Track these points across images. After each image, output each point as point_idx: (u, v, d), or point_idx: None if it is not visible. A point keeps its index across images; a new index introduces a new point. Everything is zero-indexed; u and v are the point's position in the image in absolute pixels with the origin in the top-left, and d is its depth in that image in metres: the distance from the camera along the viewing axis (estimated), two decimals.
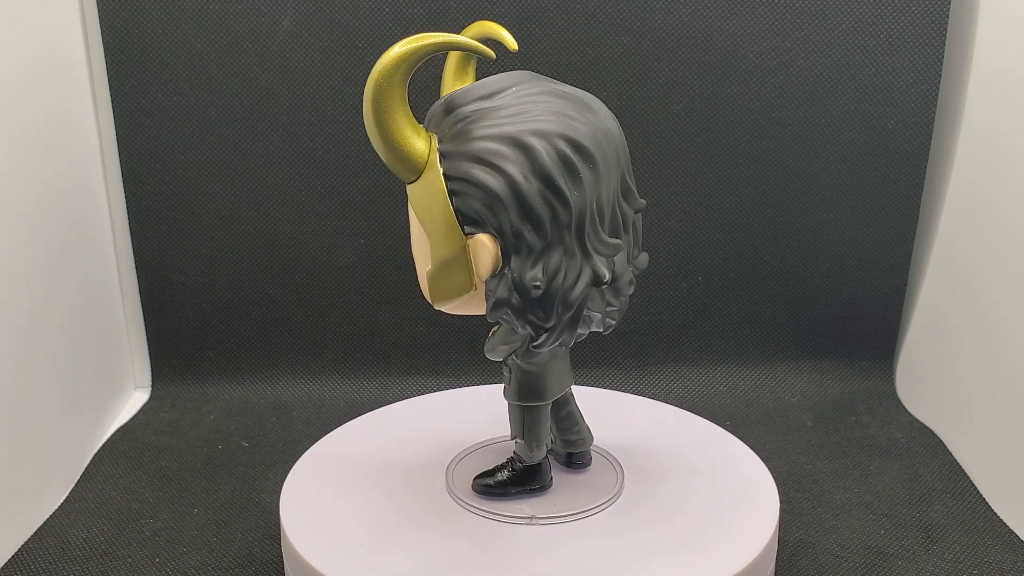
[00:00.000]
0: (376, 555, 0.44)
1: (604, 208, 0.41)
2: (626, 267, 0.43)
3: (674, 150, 0.73)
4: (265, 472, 0.64)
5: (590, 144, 0.40)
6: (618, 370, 0.76)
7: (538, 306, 0.41)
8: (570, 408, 0.50)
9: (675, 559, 0.44)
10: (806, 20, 0.70)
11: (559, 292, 0.40)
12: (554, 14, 0.69)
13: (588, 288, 0.41)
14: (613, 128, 0.42)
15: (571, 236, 0.40)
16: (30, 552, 0.55)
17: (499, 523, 0.47)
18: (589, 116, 0.41)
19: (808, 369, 0.77)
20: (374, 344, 0.77)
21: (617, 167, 0.41)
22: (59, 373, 0.64)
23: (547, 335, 0.42)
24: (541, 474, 0.49)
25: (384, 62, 0.39)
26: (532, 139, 0.39)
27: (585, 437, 0.51)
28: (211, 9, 0.69)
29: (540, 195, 0.39)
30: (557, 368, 0.47)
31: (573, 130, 0.40)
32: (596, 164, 0.40)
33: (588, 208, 0.40)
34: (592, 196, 0.40)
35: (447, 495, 0.49)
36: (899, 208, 0.73)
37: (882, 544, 0.55)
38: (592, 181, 0.40)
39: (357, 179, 0.73)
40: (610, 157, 0.41)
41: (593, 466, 0.52)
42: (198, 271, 0.75)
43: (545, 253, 0.40)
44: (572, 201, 0.39)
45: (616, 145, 0.41)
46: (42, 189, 0.63)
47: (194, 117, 0.72)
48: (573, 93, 0.42)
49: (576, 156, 0.39)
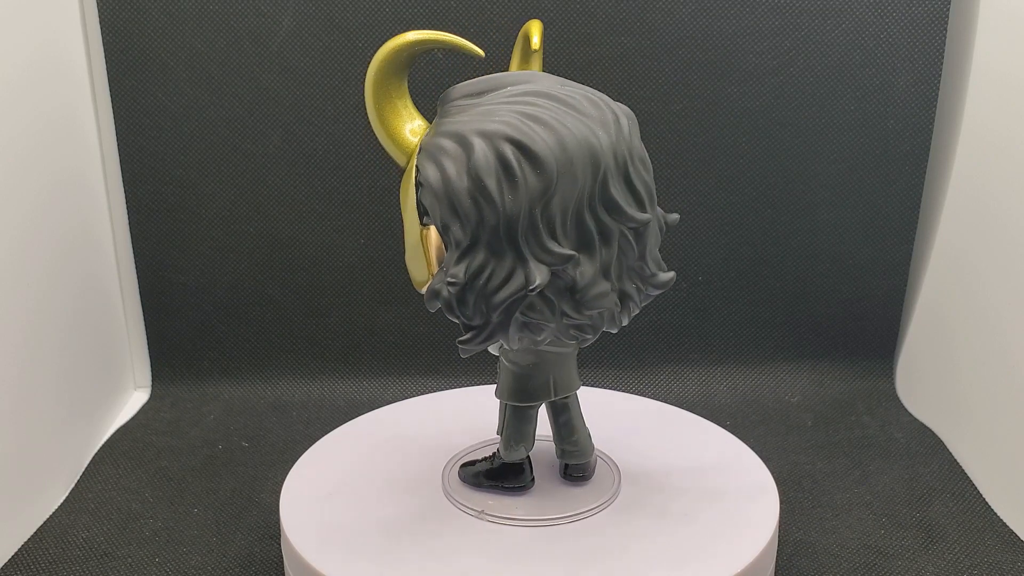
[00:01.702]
0: (375, 555, 0.44)
1: (555, 215, 0.39)
2: (598, 281, 0.41)
3: (674, 150, 0.73)
4: (265, 472, 0.64)
5: (543, 150, 0.39)
6: (618, 370, 0.76)
7: (463, 302, 0.41)
8: (569, 416, 0.49)
9: (675, 560, 0.44)
10: (806, 20, 0.70)
11: (481, 292, 0.40)
12: (554, 14, 0.69)
13: (518, 293, 0.40)
14: (602, 140, 0.40)
15: (501, 238, 0.39)
16: (30, 552, 0.55)
17: (494, 525, 0.47)
18: (570, 123, 0.39)
19: (808, 369, 0.77)
20: (374, 344, 0.77)
21: (593, 177, 0.40)
22: (59, 373, 0.64)
23: (474, 333, 0.42)
24: (518, 475, 0.49)
25: (377, 56, 0.42)
26: (475, 138, 0.39)
27: (582, 449, 0.49)
28: (211, 9, 0.69)
29: (468, 193, 0.39)
30: (547, 373, 0.46)
31: (526, 134, 0.39)
32: (546, 171, 0.39)
33: (525, 212, 0.39)
34: (535, 202, 0.39)
35: (444, 497, 0.49)
36: (899, 208, 0.73)
37: (882, 544, 0.55)
38: (537, 187, 0.39)
39: (357, 179, 0.73)
40: (578, 167, 0.39)
41: None
42: (198, 271, 0.75)
43: (470, 251, 0.40)
44: (501, 203, 0.39)
45: (597, 156, 0.40)
46: (42, 189, 0.63)
47: (194, 117, 0.72)
48: (573, 97, 0.40)
49: (518, 159, 0.39)
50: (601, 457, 0.52)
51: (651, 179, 0.42)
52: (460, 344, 0.42)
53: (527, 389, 0.47)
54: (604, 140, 0.40)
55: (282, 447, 0.67)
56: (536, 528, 0.46)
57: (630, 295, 0.43)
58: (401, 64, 0.42)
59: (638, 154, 0.42)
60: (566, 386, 0.47)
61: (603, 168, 0.40)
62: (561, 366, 0.47)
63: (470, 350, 0.42)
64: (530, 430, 0.49)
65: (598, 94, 0.42)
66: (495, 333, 0.42)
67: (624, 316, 0.43)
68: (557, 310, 0.41)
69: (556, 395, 0.47)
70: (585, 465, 0.50)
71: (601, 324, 0.43)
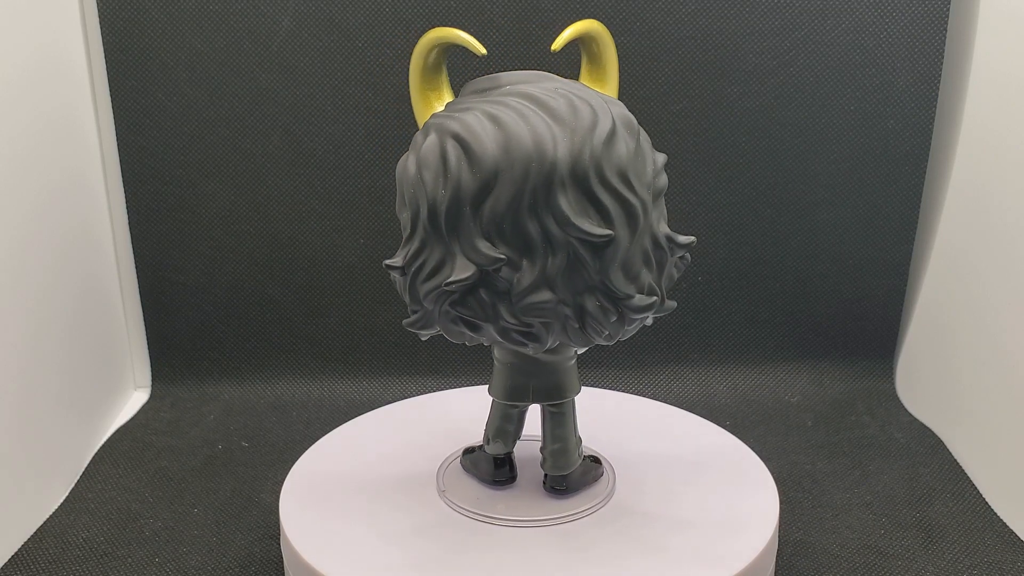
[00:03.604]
0: (375, 555, 0.44)
1: (492, 216, 0.39)
2: (539, 289, 0.40)
3: (674, 150, 0.73)
4: (265, 472, 0.64)
5: (481, 150, 0.38)
6: (618, 370, 0.76)
7: (404, 286, 0.42)
8: (553, 425, 0.48)
9: (675, 560, 0.44)
10: (806, 20, 0.70)
11: (414, 279, 0.41)
12: (554, 14, 0.69)
13: (440, 284, 0.40)
14: (560, 147, 0.38)
15: (433, 230, 0.40)
16: (30, 552, 0.55)
17: (490, 525, 0.47)
18: (533, 126, 0.38)
19: (808, 369, 0.77)
20: (374, 344, 0.77)
21: (543, 183, 0.38)
22: (59, 373, 0.64)
23: (415, 318, 0.43)
24: (490, 469, 0.50)
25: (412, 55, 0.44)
26: (432, 132, 0.40)
27: (560, 462, 0.48)
28: (211, 9, 0.69)
29: (412, 183, 0.40)
30: (528, 376, 0.46)
31: (473, 133, 0.39)
32: (482, 171, 0.38)
33: (457, 209, 0.39)
34: (467, 200, 0.39)
35: (439, 497, 0.49)
36: (899, 208, 0.73)
37: (882, 544, 0.55)
38: (471, 185, 0.38)
39: (357, 179, 0.73)
40: (522, 171, 0.38)
41: (584, 467, 0.51)
42: (198, 271, 0.75)
43: (410, 239, 0.41)
44: (435, 197, 0.39)
45: (548, 163, 0.38)
46: (42, 189, 0.63)
47: (194, 117, 0.72)
48: (555, 101, 0.39)
49: (457, 157, 0.39)
50: (595, 457, 0.52)
51: (639, 197, 0.40)
52: (404, 324, 0.43)
53: (506, 387, 0.47)
54: (563, 147, 0.38)
55: (282, 447, 0.67)
56: (536, 528, 0.46)
57: (591, 313, 0.40)
58: (423, 57, 0.44)
59: (616, 167, 0.39)
60: (549, 394, 0.46)
61: (555, 175, 0.38)
62: (545, 373, 0.46)
63: (415, 332, 0.44)
64: (509, 429, 0.48)
65: (602, 102, 0.40)
66: (430, 321, 0.42)
67: (593, 333, 0.41)
68: (492, 311, 0.41)
69: (535, 400, 0.47)
70: (562, 478, 0.49)
71: (545, 335, 0.41)
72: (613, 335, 0.42)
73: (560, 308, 0.40)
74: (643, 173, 0.41)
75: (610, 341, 0.43)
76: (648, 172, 0.41)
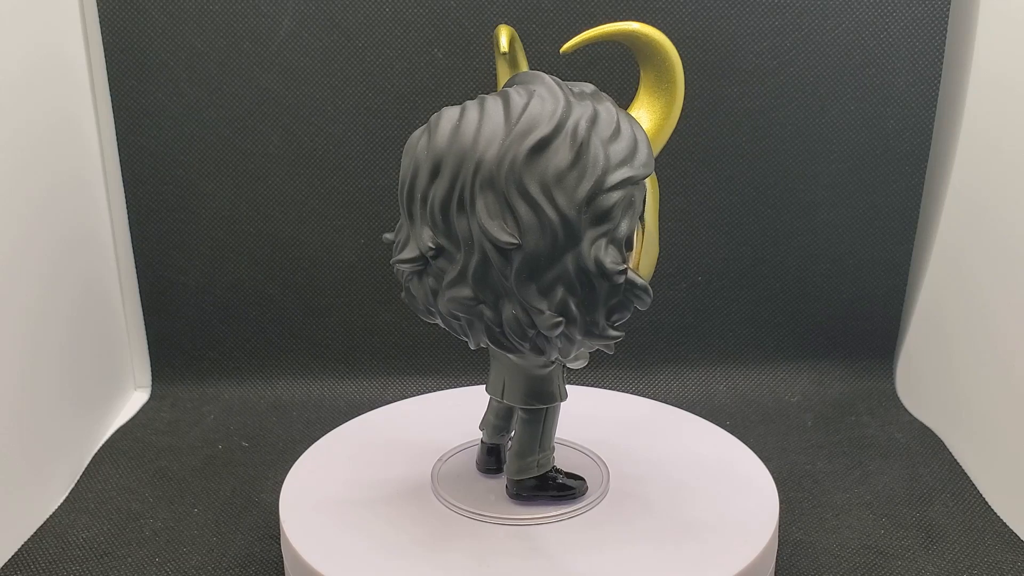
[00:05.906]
0: (375, 555, 0.44)
1: (427, 204, 0.40)
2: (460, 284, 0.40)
3: (674, 150, 0.73)
4: (265, 472, 0.64)
5: (412, 141, 0.41)
6: (618, 370, 0.76)
7: None
8: (518, 427, 0.48)
9: (674, 559, 0.44)
10: (806, 20, 0.70)
11: (393, 250, 0.43)
12: (554, 14, 0.69)
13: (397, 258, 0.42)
14: (490, 149, 0.38)
15: (403, 206, 0.42)
16: (30, 552, 0.55)
17: (486, 525, 0.47)
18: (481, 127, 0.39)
19: (808, 369, 0.77)
20: (374, 344, 0.77)
21: (469, 180, 0.39)
22: (59, 373, 0.64)
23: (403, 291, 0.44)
24: (482, 456, 0.51)
25: None
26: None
27: (510, 464, 0.48)
28: (211, 9, 0.69)
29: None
30: (500, 370, 0.47)
31: (431, 124, 0.41)
32: (411, 161, 0.41)
33: (409, 195, 0.41)
34: (417, 187, 0.40)
35: (438, 497, 0.49)
36: (899, 208, 0.73)
37: (882, 544, 0.55)
38: (408, 172, 0.41)
39: (357, 179, 0.73)
40: (453, 167, 0.39)
41: (580, 467, 0.51)
42: (198, 271, 0.75)
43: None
44: (400, 181, 0.42)
45: (474, 162, 0.39)
46: (42, 189, 0.63)
47: (194, 117, 0.72)
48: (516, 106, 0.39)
49: (411, 147, 0.41)
50: (589, 457, 0.52)
51: (560, 213, 0.38)
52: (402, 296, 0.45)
53: (489, 377, 0.48)
54: (494, 150, 0.39)
55: (282, 447, 0.67)
56: (534, 526, 0.46)
57: (508, 320, 0.40)
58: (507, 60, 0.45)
59: (540, 178, 0.38)
60: (522, 398, 0.46)
61: (477, 175, 0.39)
62: (514, 375, 0.46)
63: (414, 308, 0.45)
64: (491, 419, 0.50)
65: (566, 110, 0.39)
66: (406, 295, 0.44)
67: (514, 342, 0.41)
68: (428, 296, 0.42)
69: (507, 399, 0.47)
70: (513, 483, 0.48)
71: (470, 332, 0.42)
72: (546, 351, 0.41)
73: (481, 308, 0.41)
74: (574, 189, 0.39)
75: (565, 356, 0.43)
76: (583, 189, 0.39)
